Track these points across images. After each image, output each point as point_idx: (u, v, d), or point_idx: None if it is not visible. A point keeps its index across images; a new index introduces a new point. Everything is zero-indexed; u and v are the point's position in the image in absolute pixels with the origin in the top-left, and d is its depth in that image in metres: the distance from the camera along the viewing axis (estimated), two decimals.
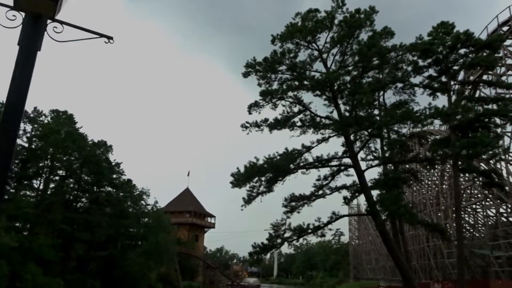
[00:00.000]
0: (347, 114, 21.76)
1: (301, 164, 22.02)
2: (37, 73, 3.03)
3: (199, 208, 77.37)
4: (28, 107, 47.52)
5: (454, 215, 51.84)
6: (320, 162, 22.29)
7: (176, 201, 76.57)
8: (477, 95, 42.10)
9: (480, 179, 27.98)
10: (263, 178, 21.44)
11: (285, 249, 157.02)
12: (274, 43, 22.85)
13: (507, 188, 31.51)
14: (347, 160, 22.72)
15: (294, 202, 22.03)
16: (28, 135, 45.58)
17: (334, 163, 22.75)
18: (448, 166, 43.28)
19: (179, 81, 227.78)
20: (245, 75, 22.90)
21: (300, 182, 25.72)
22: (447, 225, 48.45)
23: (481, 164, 43.73)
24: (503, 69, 48.18)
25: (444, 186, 55.98)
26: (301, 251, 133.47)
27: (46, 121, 47.65)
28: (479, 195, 47.04)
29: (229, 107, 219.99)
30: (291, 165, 21.74)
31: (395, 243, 24.23)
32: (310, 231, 20.96)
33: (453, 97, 27.69)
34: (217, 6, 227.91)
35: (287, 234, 21.27)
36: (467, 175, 42.31)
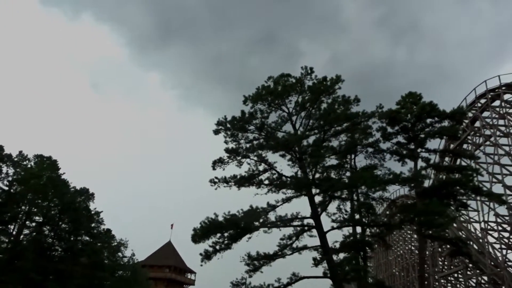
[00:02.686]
0: (310, 175, 22.37)
1: (265, 222, 22.19)
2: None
3: (180, 263, 75.31)
4: (14, 151, 48.03)
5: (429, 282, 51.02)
6: (282, 222, 22.48)
7: (157, 254, 74.69)
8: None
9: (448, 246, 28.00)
10: (226, 234, 21.51)
11: None
12: (246, 103, 24.01)
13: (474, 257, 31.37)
14: (310, 221, 22.94)
15: (257, 261, 21.90)
16: (10, 178, 45.58)
17: (296, 223, 22.96)
18: None
19: (173, 133, 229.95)
20: (216, 132, 23.81)
21: (270, 240, 25.66)
22: None
23: (460, 231, 43.77)
24: (481, 139, 49.82)
25: (427, 253, 55.34)
26: None
27: (29, 166, 47.87)
28: (460, 264, 46.45)
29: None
30: (256, 223, 21.89)
31: None
32: None
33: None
34: (221, 62, 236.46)
35: None
36: None
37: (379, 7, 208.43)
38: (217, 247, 21.45)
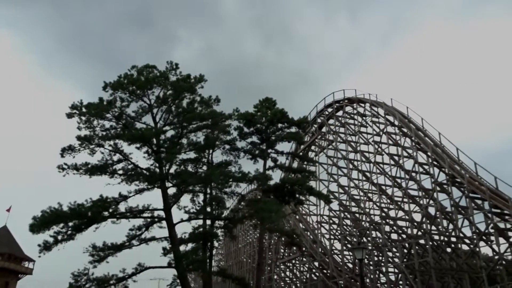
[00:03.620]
0: (165, 169, 22.96)
1: (114, 213, 21.97)
2: None
3: (17, 251, 67.81)
4: None
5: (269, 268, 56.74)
6: (132, 213, 22.61)
7: None
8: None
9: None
10: (70, 224, 20.62)
11: None
12: (106, 90, 23.22)
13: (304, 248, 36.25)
14: (161, 213, 23.55)
15: (102, 252, 21.55)
16: None
17: (147, 214, 23.35)
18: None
19: (26, 104, 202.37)
20: (69, 116, 22.51)
21: (119, 231, 25.32)
22: (263, 279, 52.45)
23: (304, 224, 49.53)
24: (327, 142, 56.91)
25: (272, 241, 60.91)
26: None
27: None
28: (297, 252, 52.44)
29: None
30: (105, 213, 21.49)
31: None
32: (112, 282, 20.63)
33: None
34: (88, 34, 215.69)
35: (87, 285, 20.52)
36: None
37: (256, 6, 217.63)
38: (59, 237, 20.38)
